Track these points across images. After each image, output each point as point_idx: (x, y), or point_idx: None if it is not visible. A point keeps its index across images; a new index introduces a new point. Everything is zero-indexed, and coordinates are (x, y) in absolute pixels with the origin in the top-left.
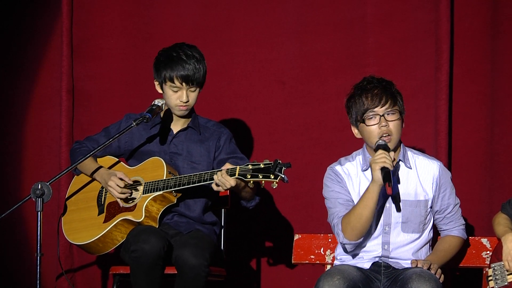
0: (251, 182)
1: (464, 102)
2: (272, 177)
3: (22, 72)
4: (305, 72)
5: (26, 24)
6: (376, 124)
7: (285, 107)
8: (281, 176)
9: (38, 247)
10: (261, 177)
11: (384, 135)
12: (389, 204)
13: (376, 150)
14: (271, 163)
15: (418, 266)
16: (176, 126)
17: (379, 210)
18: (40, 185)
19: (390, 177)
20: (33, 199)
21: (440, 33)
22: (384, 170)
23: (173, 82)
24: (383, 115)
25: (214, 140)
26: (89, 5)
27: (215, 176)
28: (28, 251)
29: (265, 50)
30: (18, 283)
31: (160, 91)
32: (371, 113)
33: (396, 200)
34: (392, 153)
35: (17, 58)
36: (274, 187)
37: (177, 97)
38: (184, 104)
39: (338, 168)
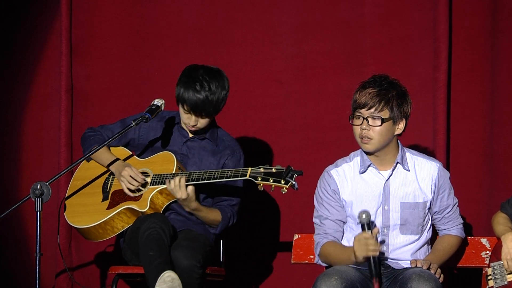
0: (261, 185)
1: (463, 102)
2: (283, 183)
3: (21, 72)
4: (303, 71)
5: (24, 24)
6: (359, 125)
7: (283, 106)
8: (292, 183)
9: (38, 247)
10: (271, 181)
11: (364, 136)
12: (388, 207)
13: (362, 227)
14: (283, 169)
15: (418, 266)
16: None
17: (377, 213)
18: (40, 185)
19: (376, 265)
20: (32, 199)
21: (438, 32)
22: (370, 259)
23: (183, 107)
24: (366, 118)
25: (225, 155)
26: (88, 4)
27: (171, 180)
28: (27, 250)
29: (263, 50)
30: (17, 283)
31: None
32: (357, 113)
33: (385, 201)
34: (376, 229)
35: (16, 57)
36: (284, 192)
37: (186, 117)
38: (192, 126)
39: (333, 172)
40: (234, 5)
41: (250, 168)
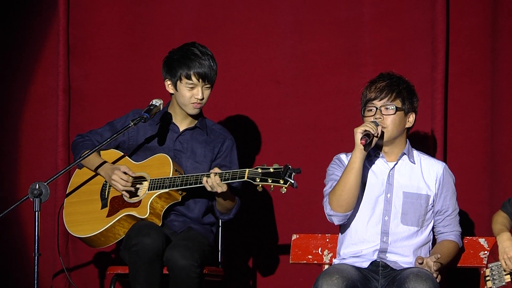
0: (260, 186)
1: (462, 102)
2: (282, 182)
3: (19, 72)
4: (301, 71)
5: (22, 23)
6: (372, 116)
7: (281, 106)
8: (291, 182)
9: (36, 247)
10: (270, 181)
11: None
12: (390, 194)
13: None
14: (281, 168)
15: (426, 261)
16: (183, 124)
17: (380, 199)
18: (38, 185)
19: (369, 137)
20: (31, 199)
21: (436, 32)
22: (365, 132)
23: (190, 79)
24: (379, 108)
25: (218, 143)
26: (85, 4)
27: (208, 179)
28: (24, 251)
29: (261, 50)
30: (15, 283)
31: (171, 90)
32: (370, 105)
33: (388, 189)
34: (380, 127)
35: (13, 57)
36: (283, 192)
37: (191, 94)
38: (199, 101)
39: (343, 156)
40: (232, 5)
41: (247, 170)
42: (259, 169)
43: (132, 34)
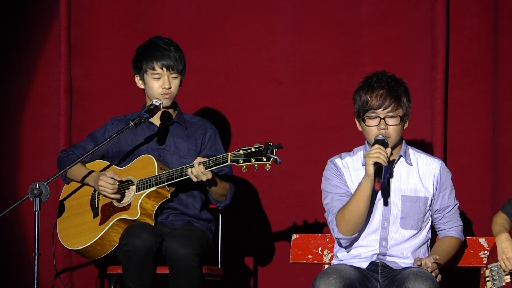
0: (244, 167)
1: (463, 102)
2: (265, 160)
3: (20, 71)
4: (301, 71)
5: (24, 23)
6: (375, 125)
7: (281, 106)
8: (274, 158)
9: (36, 247)
10: (253, 160)
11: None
12: (389, 199)
13: (373, 144)
14: (262, 146)
15: (424, 262)
16: (162, 122)
17: (378, 204)
18: (38, 184)
19: (381, 173)
20: (31, 199)
21: (436, 32)
22: (377, 165)
23: (154, 69)
24: (383, 118)
25: (200, 135)
26: (87, 4)
27: (193, 170)
28: (25, 250)
29: (261, 50)
30: (15, 283)
31: (141, 86)
32: (372, 114)
33: (386, 194)
34: (389, 149)
35: (15, 57)
36: (268, 169)
37: (159, 85)
38: (167, 90)
39: (337, 161)
40: (232, 5)
41: (230, 153)
42: (240, 150)
43: (133, 34)
